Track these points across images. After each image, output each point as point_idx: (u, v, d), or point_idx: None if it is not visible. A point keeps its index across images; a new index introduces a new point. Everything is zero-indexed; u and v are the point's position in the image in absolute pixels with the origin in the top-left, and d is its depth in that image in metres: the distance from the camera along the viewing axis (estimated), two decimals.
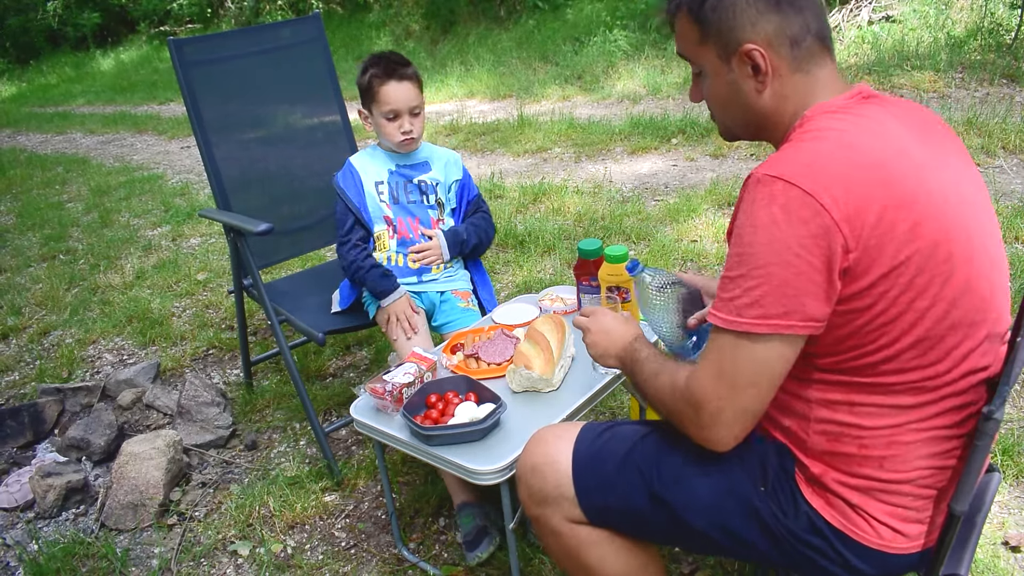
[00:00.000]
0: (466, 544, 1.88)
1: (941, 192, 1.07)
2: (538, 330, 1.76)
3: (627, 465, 1.29)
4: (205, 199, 5.36)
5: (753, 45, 1.12)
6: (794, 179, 1.02)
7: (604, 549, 1.33)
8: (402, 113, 2.12)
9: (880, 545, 1.13)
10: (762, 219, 1.03)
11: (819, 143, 1.08)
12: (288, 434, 2.56)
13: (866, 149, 1.06)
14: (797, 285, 1.02)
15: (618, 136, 5.47)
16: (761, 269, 1.03)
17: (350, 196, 2.18)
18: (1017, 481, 1.97)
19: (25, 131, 9.92)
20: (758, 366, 1.07)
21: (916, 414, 1.10)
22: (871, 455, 1.11)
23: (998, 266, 1.14)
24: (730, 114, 1.23)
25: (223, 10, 14.12)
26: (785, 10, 1.12)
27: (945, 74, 5.55)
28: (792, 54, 1.13)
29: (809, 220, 1.00)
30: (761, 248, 1.03)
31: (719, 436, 1.12)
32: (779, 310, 1.03)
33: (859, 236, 1.01)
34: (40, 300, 3.91)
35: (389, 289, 2.13)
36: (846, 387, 1.11)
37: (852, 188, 1.02)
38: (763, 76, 1.14)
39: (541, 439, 1.38)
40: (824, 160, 1.05)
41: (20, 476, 2.36)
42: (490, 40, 9.42)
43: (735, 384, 1.08)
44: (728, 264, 1.08)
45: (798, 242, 1.01)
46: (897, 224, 1.02)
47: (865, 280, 1.03)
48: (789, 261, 1.01)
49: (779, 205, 1.02)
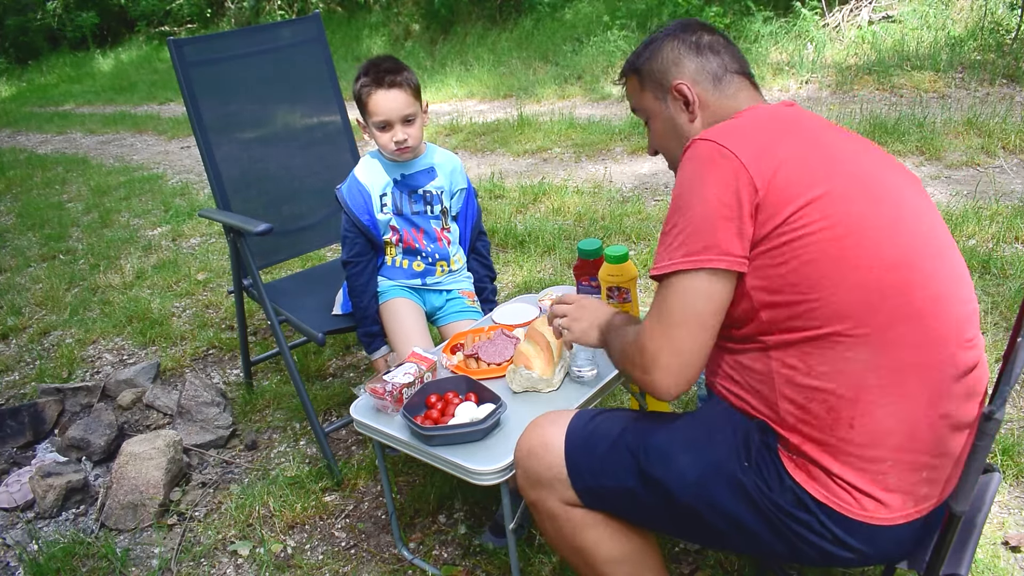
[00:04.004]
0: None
1: (856, 169, 1.19)
2: (538, 330, 1.75)
3: (618, 446, 1.32)
4: (205, 199, 5.36)
5: (680, 81, 1.36)
6: (710, 136, 1.20)
7: (599, 532, 1.35)
8: (393, 123, 2.05)
9: (864, 516, 1.14)
10: (686, 172, 1.21)
11: (736, 120, 1.28)
12: (288, 434, 2.56)
13: (775, 120, 1.26)
14: (713, 221, 1.15)
15: (618, 136, 5.47)
16: (685, 214, 1.18)
17: (358, 215, 2.14)
18: (1017, 481, 1.97)
19: (25, 131, 9.92)
20: (686, 304, 1.18)
21: (876, 374, 1.13)
22: (841, 416, 1.14)
23: (934, 250, 1.20)
24: (672, 146, 1.42)
25: (223, 10, 14.11)
26: (705, 54, 1.36)
27: (945, 74, 5.55)
28: (715, 87, 1.36)
29: (719, 163, 1.16)
30: (685, 194, 1.20)
31: (658, 379, 1.21)
32: (699, 246, 1.16)
33: (765, 175, 1.14)
34: (40, 300, 3.91)
35: (371, 347, 2.23)
36: (798, 348, 1.16)
37: (759, 139, 1.19)
38: (692, 106, 1.36)
39: (536, 424, 1.42)
40: (739, 125, 1.24)
41: (20, 476, 2.36)
42: (490, 40, 9.42)
43: (668, 324, 1.19)
44: (665, 222, 1.23)
45: (711, 182, 1.16)
46: (804, 165, 1.16)
47: (780, 216, 1.13)
48: (705, 198, 1.16)
49: (698, 156, 1.19)
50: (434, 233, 2.22)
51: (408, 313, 2.19)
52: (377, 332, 2.22)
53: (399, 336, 2.15)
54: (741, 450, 1.23)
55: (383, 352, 2.22)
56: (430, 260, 2.22)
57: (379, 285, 2.23)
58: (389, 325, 2.20)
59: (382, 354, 2.22)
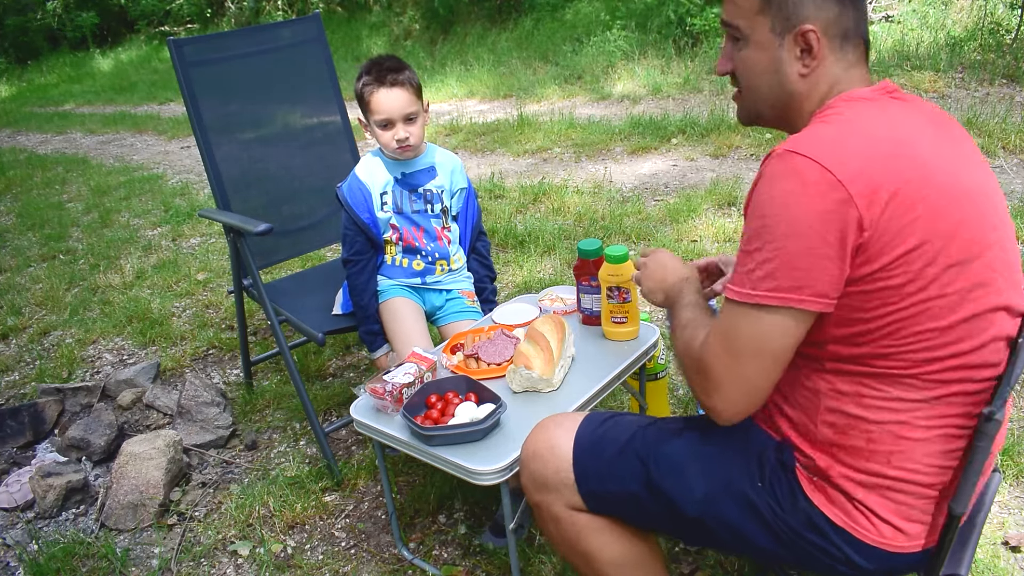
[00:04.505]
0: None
1: (957, 186, 1.08)
2: (538, 330, 1.75)
3: (627, 453, 1.30)
4: (205, 199, 5.36)
5: (812, 27, 1.13)
6: (813, 154, 1.03)
7: (603, 536, 1.34)
8: (395, 121, 2.06)
9: (881, 543, 1.13)
10: (779, 193, 1.05)
11: (840, 125, 1.10)
12: (288, 434, 2.56)
13: (884, 136, 1.08)
14: (810, 259, 1.03)
15: (618, 136, 5.47)
16: (776, 242, 1.04)
17: (359, 213, 2.15)
18: (1017, 481, 1.97)
19: (25, 131, 9.91)
20: (763, 338, 1.08)
21: (926, 410, 1.09)
22: (879, 450, 1.11)
23: (1012, 264, 1.14)
24: (762, 90, 1.21)
25: (223, 10, 14.11)
26: (846, 4, 1.14)
27: (945, 74, 5.55)
28: (840, 47, 1.15)
29: (825, 194, 1.01)
30: (777, 221, 1.04)
31: (720, 406, 1.13)
32: (790, 283, 1.04)
33: (873, 215, 1.01)
34: (40, 300, 3.91)
35: (373, 345, 2.23)
36: (856, 377, 1.11)
37: (869, 167, 1.03)
38: (810, 60, 1.15)
39: (543, 427, 1.40)
40: (843, 139, 1.06)
41: (20, 476, 2.36)
42: (490, 40, 9.42)
43: (739, 355, 1.10)
44: (745, 238, 1.10)
45: (814, 216, 1.02)
46: (911, 208, 1.03)
47: (877, 262, 1.03)
48: (803, 234, 1.03)
49: (797, 179, 1.03)
50: (434, 232, 2.22)
51: (407, 313, 2.19)
52: (378, 331, 2.22)
53: (398, 336, 2.16)
54: (754, 469, 1.21)
55: (385, 351, 2.22)
56: (430, 259, 2.22)
57: (379, 284, 2.24)
58: (388, 325, 2.20)
59: (384, 352, 2.22)
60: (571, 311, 2.03)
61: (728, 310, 1.12)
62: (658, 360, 2.18)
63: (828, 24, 1.14)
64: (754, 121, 1.29)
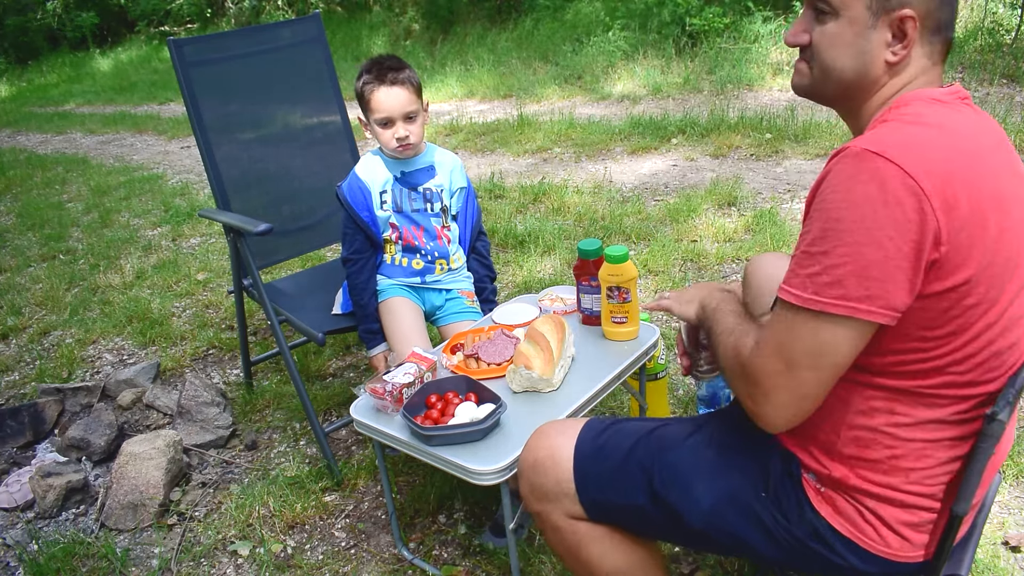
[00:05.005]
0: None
1: (1019, 204, 1.06)
2: (538, 330, 1.75)
3: (629, 462, 1.28)
4: (205, 199, 5.36)
5: (912, 15, 1.07)
6: (896, 158, 0.97)
7: (604, 545, 1.33)
8: (395, 119, 2.07)
9: (887, 553, 1.12)
10: (857, 195, 0.97)
11: (921, 128, 1.04)
12: (288, 434, 2.56)
13: (965, 147, 1.03)
14: (884, 269, 0.97)
15: (618, 136, 5.47)
16: (848, 247, 0.97)
17: (358, 212, 2.15)
18: (1017, 481, 1.97)
19: (25, 131, 9.90)
20: (823, 349, 1.01)
21: (955, 430, 1.08)
22: (900, 466, 1.09)
23: None
24: (841, 70, 1.12)
25: (223, 10, 14.11)
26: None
27: (945, 74, 5.54)
28: (929, 41, 1.10)
29: (906, 202, 0.95)
30: (852, 225, 0.97)
31: (770, 416, 1.08)
32: (861, 293, 0.98)
33: (952, 229, 0.97)
34: (40, 300, 3.91)
35: (371, 344, 2.23)
36: (893, 394, 1.07)
37: (951, 177, 0.98)
38: (900, 49, 1.09)
39: (543, 434, 1.38)
40: (926, 145, 1.01)
41: (20, 476, 2.36)
42: (490, 40, 9.41)
43: (795, 365, 1.03)
44: (809, 238, 1.02)
45: (892, 224, 0.96)
46: (987, 226, 0.99)
47: (950, 280, 0.99)
48: (880, 242, 0.96)
49: (877, 183, 0.96)
50: (434, 231, 2.22)
51: (406, 312, 2.19)
52: (377, 330, 2.22)
53: (397, 336, 2.16)
54: (759, 479, 1.19)
55: (382, 349, 2.22)
56: (429, 258, 2.23)
57: (378, 284, 2.24)
58: (387, 324, 2.20)
59: (380, 351, 2.22)
60: (571, 311, 2.03)
61: (784, 315, 1.04)
62: (658, 360, 2.18)
63: (927, 14, 1.07)
64: (811, 95, 1.20)
